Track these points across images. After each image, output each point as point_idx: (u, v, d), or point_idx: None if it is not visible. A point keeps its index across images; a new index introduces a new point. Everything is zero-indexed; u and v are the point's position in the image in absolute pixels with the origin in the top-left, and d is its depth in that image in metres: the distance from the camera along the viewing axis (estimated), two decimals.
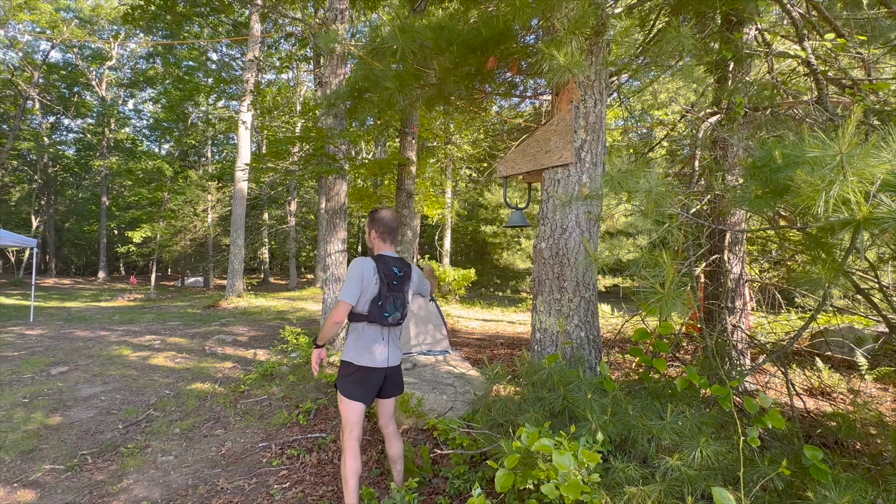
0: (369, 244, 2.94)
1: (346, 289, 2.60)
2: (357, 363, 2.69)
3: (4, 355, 7.09)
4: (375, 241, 2.88)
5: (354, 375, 2.70)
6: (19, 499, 3.20)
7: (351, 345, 2.73)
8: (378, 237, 2.85)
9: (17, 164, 27.97)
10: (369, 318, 2.64)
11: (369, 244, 2.94)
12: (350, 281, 2.61)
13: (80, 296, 18.98)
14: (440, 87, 3.60)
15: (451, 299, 15.18)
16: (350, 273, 2.65)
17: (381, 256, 2.77)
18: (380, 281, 2.64)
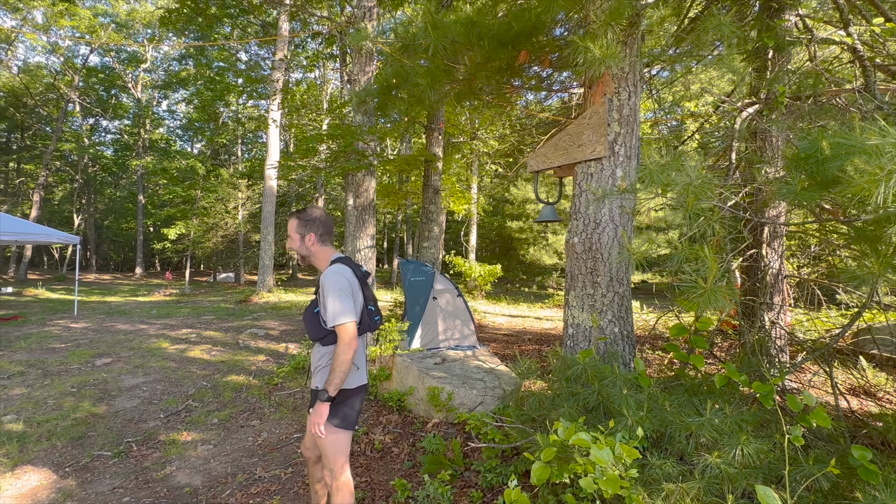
0: (302, 251, 2.43)
1: (344, 305, 2.17)
2: (355, 385, 2.34)
3: (53, 347, 7.44)
4: (314, 246, 2.41)
5: (353, 399, 2.34)
6: (72, 482, 3.37)
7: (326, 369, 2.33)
8: (318, 240, 2.41)
9: (59, 164, 29.18)
10: (360, 329, 2.29)
11: (302, 251, 2.43)
12: (343, 295, 2.19)
13: (120, 291, 19.74)
14: (470, 83, 3.60)
15: (478, 295, 15.17)
16: (338, 285, 2.21)
17: (342, 258, 2.40)
18: (361, 286, 2.34)
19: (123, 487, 3.33)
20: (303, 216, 2.40)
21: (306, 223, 2.39)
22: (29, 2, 21.28)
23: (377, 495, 3.17)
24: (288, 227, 2.45)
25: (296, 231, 2.39)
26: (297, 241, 2.40)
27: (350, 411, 2.31)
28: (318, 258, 2.43)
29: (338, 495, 2.33)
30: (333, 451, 2.29)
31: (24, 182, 29.91)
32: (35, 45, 26.94)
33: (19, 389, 5.29)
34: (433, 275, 7.44)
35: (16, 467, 3.55)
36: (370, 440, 3.97)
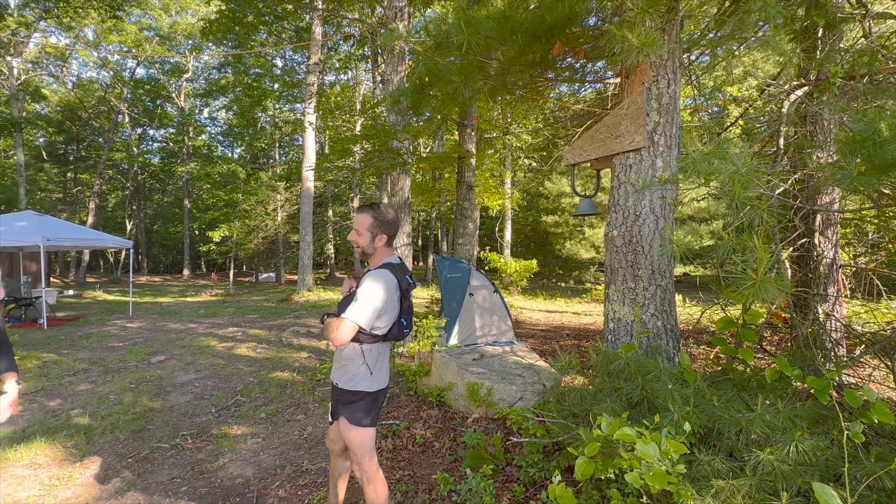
0: (367, 250, 2.35)
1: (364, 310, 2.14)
2: (377, 388, 2.36)
3: (112, 346, 7.89)
4: (381, 247, 2.35)
5: (379, 399, 2.39)
6: (134, 472, 3.58)
7: (365, 371, 2.32)
8: (385, 243, 2.35)
9: (112, 173, 30.81)
10: (386, 337, 2.30)
11: (367, 250, 2.35)
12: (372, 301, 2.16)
13: (169, 292, 20.69)
14: (503, 77, 3.59)
15: (513, 291, 15.10)
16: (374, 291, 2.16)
17: (394, 266, 2.31)
18: (401, 297, 2.30)
19: (181, 478, 3.51)
20: (379, 216, 2.31)
21: (382, 224, 2.31)
22: (81, 20, 22.51)
23: (420, 488, 3.22)
24: (358, 221, 2.32)
25: (368, 229, 2.30)
26: (367, 239, 2.32)
27: (377, 411, 2.39)
28: (377, 257, 2.38)
29: (371, 485, 2.40)
30: (361, 446, 2.35)
31: (80, 191, 31.74)
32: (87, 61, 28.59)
33: (84, 385, 5.64)
34: (469, 271, 7.46)
35: (84, 458, 3.79)
36: (412, 434, 4.03)
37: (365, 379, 2.31)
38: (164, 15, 27.99)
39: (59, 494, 3.27)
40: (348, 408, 2.33)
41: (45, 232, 10.54)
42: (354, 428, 2.32)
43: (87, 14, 22.00)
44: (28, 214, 11.74)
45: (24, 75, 23.67)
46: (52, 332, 9.23)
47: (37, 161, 29.18)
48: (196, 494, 3.27)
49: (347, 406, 2.33)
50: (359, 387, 2.31)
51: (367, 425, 2.33)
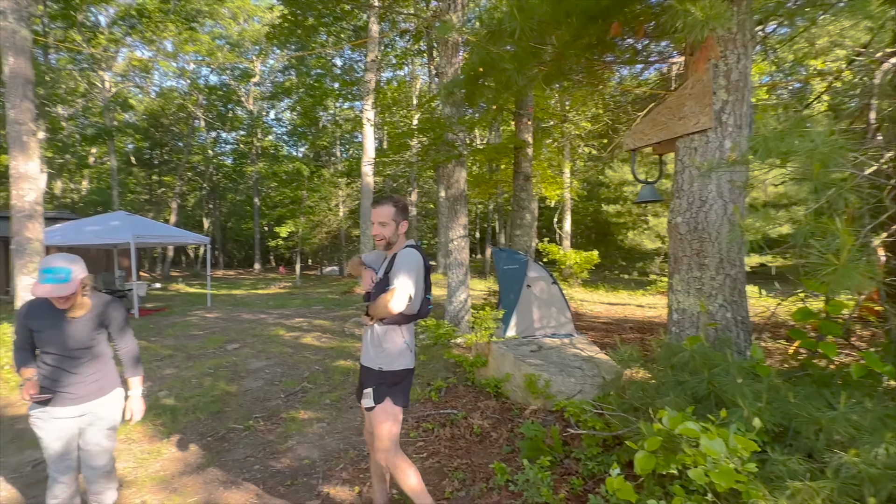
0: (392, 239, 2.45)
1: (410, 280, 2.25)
2: (408, 367, 2.44)
3: (193, 334, 8.54)
4: (402, 233, 2.50)
5: (405, 381, 2.45)
6: (213, 450, 3.87)
7: (397, 350, 2.41)
8: (405, 230, 2.51)
9: (190, 174, 33.10)
10: (418, 315, 2.42)
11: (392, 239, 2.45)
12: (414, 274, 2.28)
13: (242, 284, 22.03)
14: (558, 63, 3.49)
15: (573, 283, 14.75)
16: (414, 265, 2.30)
17: (418, 246, 2.46)
18: (425, 274, 2.41)
19: (254, 457, 3.75)
20: (399, 204, 2.44)
21: (402, 211, 2.44)
22: (160, 34, 24.30)
23: (477, 477, 3.25)
24: (380, 213, 2.40)
25: (392, 218, 2.40)
26: (392, 229, 2.41)
27: (400, 391, 2.43)
28: (398, 244, 2.48)
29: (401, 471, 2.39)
30: (393, 432, 2.39)
31: (164, 192, 34.39)
32: (167, 72, 30.80)
33: (169, 370, 6.15)
34: (526, 262, 7.38)
35: (170, 435, 4.15)
36: (469, 424, 4.07)
37: (406, 356, 2.41)
38: (233, 23, 29.60)
39: (149, 467, 3.60)
40: (393, 390, 2.39)
41: (135, 230, 11.54)
42: (394, 410, 2.39)
43: (165, 27, 23.71)
44: (120, 214, 12.91)
45: (114, 87, 25.94)
46: (142, 322, 10.12)
47: (127, 166, 31.92)
48: (267, 472, 3.48)
49: (392, 388, 2.39)
50: (403, 365, 2.40)
51: (403, 405, 2.45)
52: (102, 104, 24.98)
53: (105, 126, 24.79)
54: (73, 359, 2.34)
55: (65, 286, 2.16)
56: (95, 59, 23.66)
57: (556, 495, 2.80)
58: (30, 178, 6.18)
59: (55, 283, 2.15)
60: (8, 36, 6.09)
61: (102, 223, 12.18)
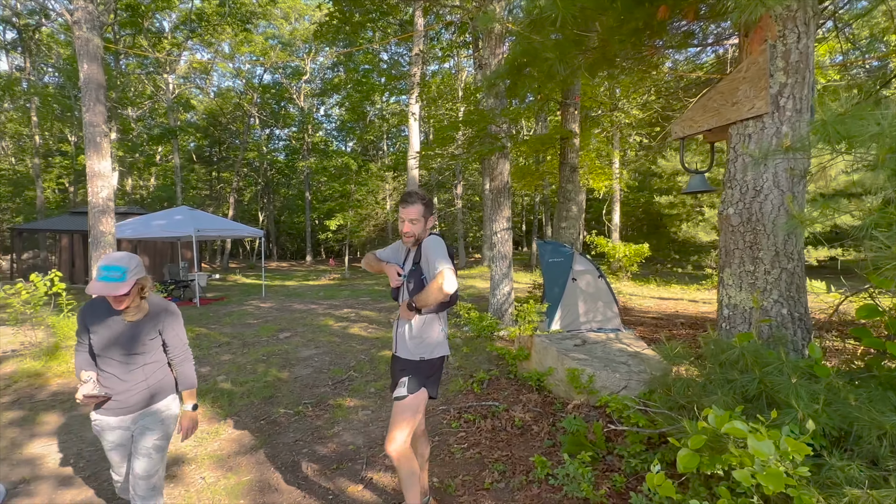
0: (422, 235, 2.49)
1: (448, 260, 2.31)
2: (442, 354, 2.49)
3: (249, 322, 8.98)
4: (429, 229, 2.53)
5: (440, 370, 2.50)
6: (265, 433, 4.08)
7: (443, 338, 2.49)
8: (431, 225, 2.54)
9: (246, 170, 34.60)
10: (451, 302, 2.43)
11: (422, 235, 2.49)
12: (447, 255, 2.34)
13: (294, 276, 22.88)
14: (603, 50, 3.38)
15: (622, 276, 14.33)
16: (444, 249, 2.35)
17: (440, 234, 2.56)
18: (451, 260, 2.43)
19: (303, 440, 3.92)
20: (427, 201, 2.46)
21: (430, 207, 2.48)
22: (218, 36, 25.46)
23: (517, 469, 3.26)
24: (410, 212, 2.43)
25: (422, 216, 2.43)
26: (422, 225, 2.44)
27: (434, 380, 2.47)
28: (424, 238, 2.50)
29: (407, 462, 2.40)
30: (411, 418, 2.40)
31: (222, 187, 36.22)
32: (224, 72, 32.26)
33: (227, 356, 6.50)
34: (572, 255, 7.25)
35: (227, 417, 4.40)
36: (510, 417, 4.07)
37: (444, 344, 2.47)
38: (285, 23, 30.55)
39: (208, 447, 3.84)
40: (429, 381, 2.43)
41: (197, 224, 12.23)
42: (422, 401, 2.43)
43: (223, 30, 24.82)
44: (183, 209, 13.70)
45: (177, 89, 27.46)
46: (203, 310, 10.74)
47: (189, 163, 33.78)
48: (315, 456, 3.64)
49: (428, 379, 2.43)
50: (442, 353, 2.46)
51: (434, 396, 2.48)
52: (167, 105, 26.53)
53: (169, 126, 26.34)
54: (124, 364, 2.26)
55: (117, 285, 2.07)
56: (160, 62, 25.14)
57: (597, 491, 2.77)
58: (103, 176, 6.68)
59: (108, 281, 2.07)
60: (82, 44, 6.59)
61: (167, 217, 12.99)
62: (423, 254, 2.41)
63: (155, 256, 17.55)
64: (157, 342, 2.34)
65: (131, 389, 2.27)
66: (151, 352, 2.32)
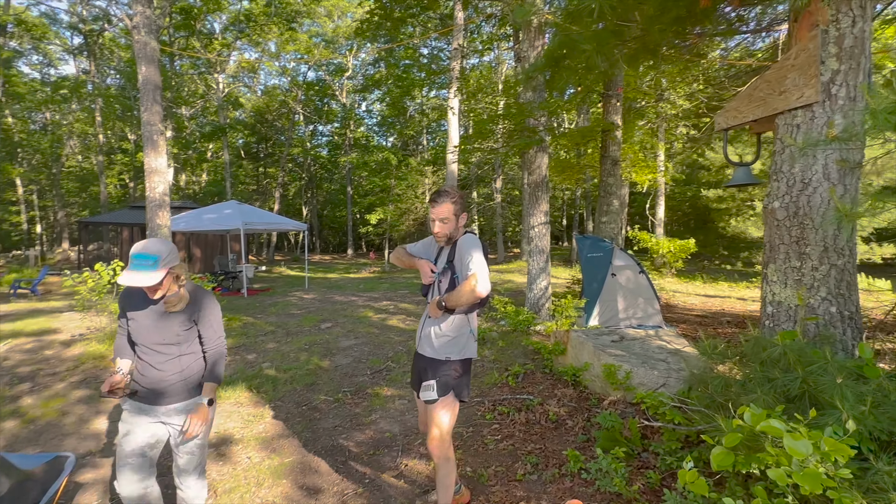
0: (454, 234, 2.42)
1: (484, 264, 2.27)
2: (469, 357, 2.45)
3: (292, 313, 9.32)
4: (462, 226, 2.47)
5: (468, 372, 2.46)
6: (307, 417, 4.26)
7: (472, 338, 2.44)
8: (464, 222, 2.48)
9: (291, 166, 35.66)
10: (481, 303, 2.36)
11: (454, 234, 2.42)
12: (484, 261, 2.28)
13: (336, 269, 23.47)
14: (644, 40, 3.30)
15: (666, 273, 13.90)
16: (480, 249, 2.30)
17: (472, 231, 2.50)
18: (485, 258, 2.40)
19: (342, 426, 4.08)
20: (457, 198, 2.39)
21: (462, 204, 2.41)
22: (265, 36, 26.30)
23: (550, 463, 3.27)
24: (441, 211, 2.37)
25: (454, 213, 2.38)
26: (453, 223, 2.39)
27: (465, 382, 2.44)
28: (457, 236, 2.45)
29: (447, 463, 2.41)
30: (449, 423, 2.39)
31: (268, 182, 37.44)
32: (271, 71, 33.29)
33: (272, 344, 6.79)
34: (612, 250, 7.12)
35: (271, 402, 4.62)
36: (545, 410, 4.07)
37: (472, 345, 2.42)
38: (328, 21, 31.18)
39: (254, 428, 4.05)
40: (458, 382, 2.39)
41: (245, 217, 12.76)
42: (456, 405, 2.40)
43: (269, 30, 25.61)
44: (232, 203, 14.31)
45: (226, 88, 28.59)
46: (250, 300, 11.22)
47: (237, 159, 35.14)
48: (353, 441, 3.78)
49: (457, 380, 2.39)
50: (470, 354, 2.41)
51: (465, 399, 2.45)
52: (217, 104, 27.68)
53: (219, 124, 27.49)
54: (159, 353, 2.18)
55: (148, 275, 1.97)
56: (211, 63, 26.23)
57: (630, 487, 2.75)
58: (159, 172, 7.08)
59: (139, 270, 1.98)
60: (141, 48, 6.98)
61: (217, 211, 13.61)
62: (457, 253, 2.36)
63: (206, 248, 18.42)
64: (193, 333, 2.24)
65: (166, 380, 2.19)
66: (187, 342, 2.23)
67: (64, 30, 26.77)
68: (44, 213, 33.40)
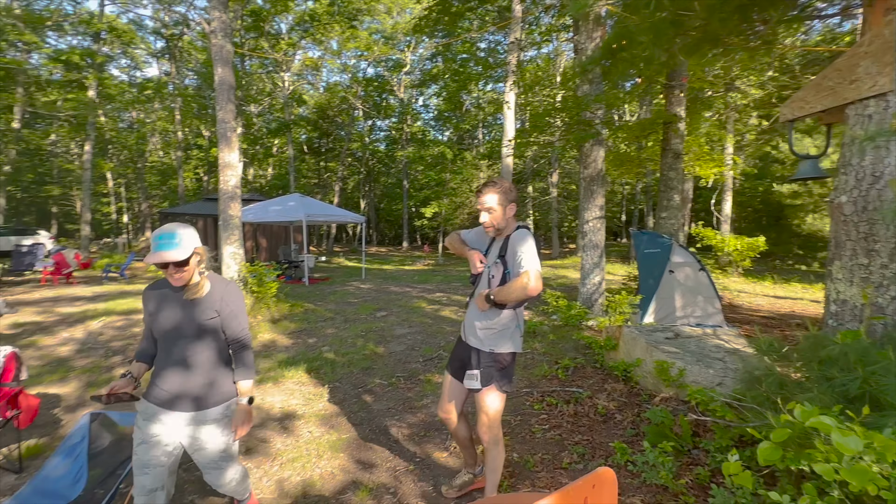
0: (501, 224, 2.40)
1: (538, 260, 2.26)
2: (513, 351, 2.45)
3: (350, 301, 9.74)
4: (511, 217, 2.44)
5: (512, 364, 2.48)
6: (362, 399, 4.51)
7: (517, 334, 2.46)
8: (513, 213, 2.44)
9: (350, 160, 36.81)
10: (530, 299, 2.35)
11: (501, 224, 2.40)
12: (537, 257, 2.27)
13: (391, 261, 24.06)
14: (704, 30, 3.22)
15: (732, 272, 13.22)
16: (534, 246, 2.30)
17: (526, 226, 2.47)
18: None
19: (395, 409, 4.29)
20: (502, 188, 2.38)
21: (506, 193, 2.38)
22: (328, 34, 27.23)
23: (596, 454, 3.31)
24: (486, 202, 2.38)
25: (499, 203, 2.37)
26: (500, 214, 2.38)
27: (509, 374, 2.47)
28: (508, 227, 2.45)
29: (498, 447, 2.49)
30: (499, 410, 2.45)
31: (329, 176, 38.82)
32: (332, 68, 34.40)
33: (331, 329, 7.16)
34: (670, 247, 6.92)
35: (330, 383, 4.92)
36: (594, 404, 4.09)
37: (517, 339, 2.44)
38: (387, 17, 31.78)
39: (314, 406, 4.35)
40: (501, 373, 2.42)
41: (307, 210, 13.39)
42: (502, 394, 2.44)
43: (332, 28, 26.49)
44: (296, 196, 15.04)
45: (291, 86, 29.88)
46: (311, 289, 11.80)
47: (300, 154, 36.67)
48: (405, 423, 3.97)
49: (500, 372, 2.42)
50: (513, 349, 2.43)
51: (509, 391, 2.47)
52: (283, 101, 29.01)
53: (284, 120, 28.82)
54: (180, 349, 2.03)
55: (174, 252, 1.90)
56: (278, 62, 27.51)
57: (677, 480, 2.75)
58: (232, 166, 7.61)
59: (166, 248, 1.90)
60: (217, 50, 7.52)
61: (282, 204, 14.36)
62: (509, 248, 2.34)
63: (271, 239, 19.46)
64: (216, 325, 2.08)
65: (188, 382, 2.03)
66: (209, 338, 2.07)
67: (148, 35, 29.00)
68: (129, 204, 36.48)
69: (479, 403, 2.46)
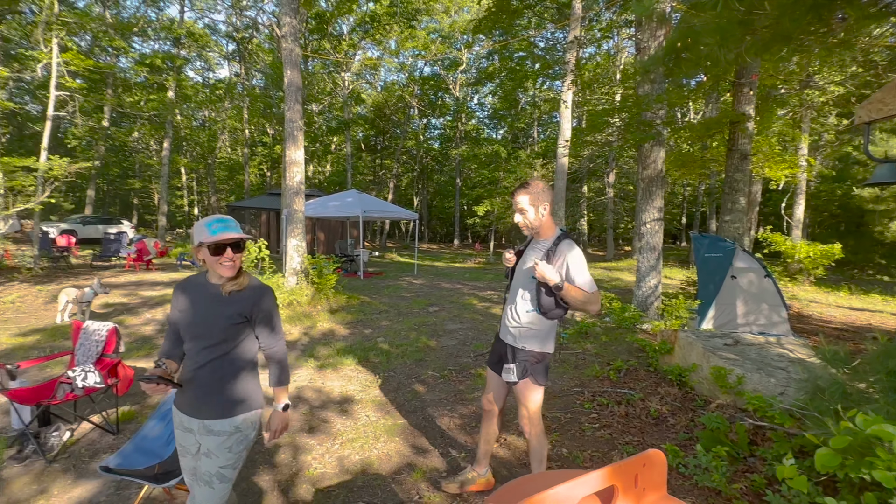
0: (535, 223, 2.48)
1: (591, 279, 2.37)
2: (546, 351, 2.54)
3: (403, 296, 10.03)
4: (546, 217, 2.48)
5: (545, 360, 2.55)
6: (415, 389, 4.71)
7: (554, 336, 2.57)
8: (550, 211, 2.49)
9: (405, 158, 37.49)
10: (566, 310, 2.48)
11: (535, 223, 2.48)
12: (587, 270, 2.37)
13: (443, 258, 24.36)
14: (775, 29, 3.13)
15: (803, 280, 12.45)
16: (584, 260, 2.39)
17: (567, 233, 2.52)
18: None
19: (446, 400, 4.45)
20: (533, 189, 2.44)
21: (538, 195, 2.44)
22: (387, 34, 27.86)
23: None
24: (518, 203, 2.47)
25: (530, 204, 2.44)
26: (533, 214, 2.45)
27: (544, 369, 2.55)
28: (545, 228, 2.51)
29: (539, 438, 2.59)
30: (539, 403, 2.55)
31: (384, 173, 39.70)
32: (390, 67, 35.11)
33: (385, 322, 7.45)
34: (733, 251, 6.67)
35: (385, 371, 5.16)
36: (646, 406, 4.08)
37: (551, 341, 2.55)
38: (445, 17, 32.06)
39: (370, 392, 4.59)
40: (536, 367, 2.51)
41: (364, 206, 13.86)
42: (539, 387, 2.53)
43: (391, 29, 27.09)
44: (353, 192, 15.58)
45: (351, 85, 30.82)
46: (366, 282, 12.23)
47: (357, 151, 37.72)
48: (456, 414, 4.13)
49: (536, 366, 2.51)
50: (547, 350, 2.54)
51: (544, 384, 2.57)
52: (342, 100, 29.98)
53: (343, 118, 29.78)
54: (201, 348, 1.89)
55: (236, 232, 1.85)
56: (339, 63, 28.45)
57: (731, 485, 2.73)
58: (297, 163, 8.06)
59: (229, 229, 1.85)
60: (287, 54, 7.97)
61: (340, 199, 14.93)
62: (560, 256, 2.39)
63: (329, 233, 20.24)
64: (244, 330, 1.94)
65: (206, 385, 1.90)
66: (234, 340, 1.92)
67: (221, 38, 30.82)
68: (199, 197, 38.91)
69: (518, 396, 2.57)
